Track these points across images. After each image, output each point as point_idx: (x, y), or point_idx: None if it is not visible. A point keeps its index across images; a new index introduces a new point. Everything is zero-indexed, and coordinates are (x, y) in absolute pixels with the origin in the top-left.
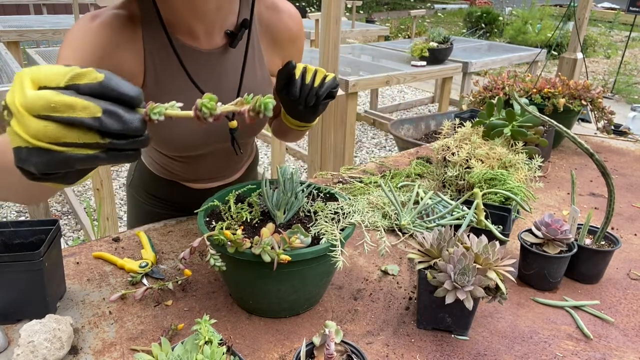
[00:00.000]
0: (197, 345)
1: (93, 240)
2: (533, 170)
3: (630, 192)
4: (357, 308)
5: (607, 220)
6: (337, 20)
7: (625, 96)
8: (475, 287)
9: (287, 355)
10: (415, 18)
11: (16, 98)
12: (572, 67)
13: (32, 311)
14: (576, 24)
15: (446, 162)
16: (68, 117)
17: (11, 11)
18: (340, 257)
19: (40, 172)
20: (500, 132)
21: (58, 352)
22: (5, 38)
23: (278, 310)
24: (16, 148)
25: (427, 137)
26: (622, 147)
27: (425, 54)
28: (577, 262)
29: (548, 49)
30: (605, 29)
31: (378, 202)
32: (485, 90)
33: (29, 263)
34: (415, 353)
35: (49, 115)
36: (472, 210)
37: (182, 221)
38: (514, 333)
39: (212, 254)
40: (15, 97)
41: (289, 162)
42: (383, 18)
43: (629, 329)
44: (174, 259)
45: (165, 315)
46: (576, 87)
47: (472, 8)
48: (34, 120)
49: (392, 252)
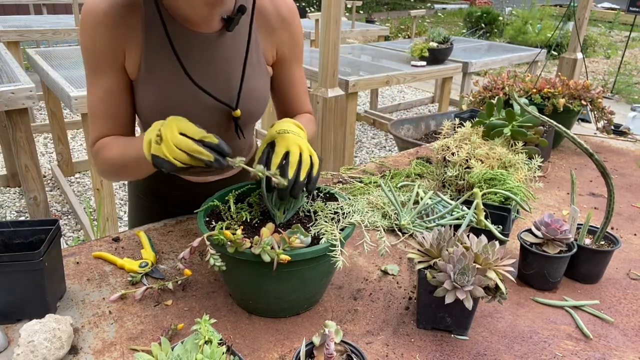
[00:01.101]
0: (197, 345)
1: (93, 240)
2: (533, 170)
3: (630, 192)
4: (357, 308)
5: (607, 220)
6: (337, 20)
7: (625, 96)
8: (475, 287)
9: (287, 355)
10: (415, 18)
11: (169, 134)
12: (572, 67)
13: (32, 311)
14: (576, 24)
15: (446, 162)
16: (195, 155)
17: (11, 11)
18: (340, 257)
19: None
20: (500, 132)
21: (58, 352)
22: (5, 38)
23: (278, 310)
24: (156, 156)
25: (427, 137)
26: (622, 147)
27: (425, 54)
28: (576, 262)
29: (548, 49)
30: (605, 29)
31: (378, 202)
32: (485, 90)
33: (29, 263)
34: (415, 353)
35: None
36: (472, 210)
37: (182, 221)
38: (513, 333)
39: (212, 254)
40: (167, 133)
41: None
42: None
43: (629, 329)
44: (174, 259)
45: (165, 315)
46: (576, 87)
47: (472, 8)
48: (176, 150)
49: (392, 252)
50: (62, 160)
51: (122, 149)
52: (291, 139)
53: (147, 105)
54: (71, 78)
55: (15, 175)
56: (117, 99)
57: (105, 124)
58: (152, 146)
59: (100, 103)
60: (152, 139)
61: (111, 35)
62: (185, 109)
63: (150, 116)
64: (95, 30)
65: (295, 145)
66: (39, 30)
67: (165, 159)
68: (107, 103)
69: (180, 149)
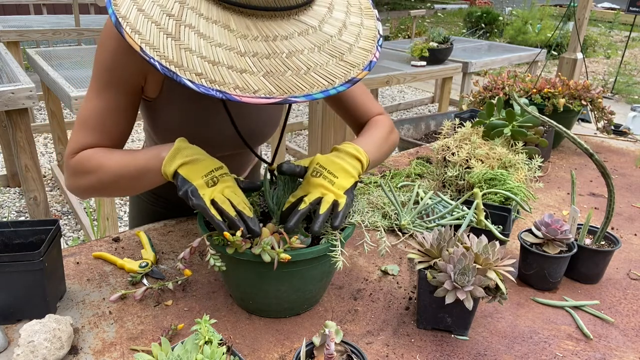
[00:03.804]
0: (197, 345)
1: (93, 240)
2: (533, 170)
3: (630, 192)
4: (357, 308)
5: (607, 220)
6: None
7: (625, 96)
8: (475, 287)
9: (287, 355)
10: (415, 18)
11: (224, 187)
12: (572, 67)
13: (32, 311)
14: (576, 24)
15: (446, 162)
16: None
17: (11, 11)
18: (340, 257)
19: (191, 204)
20: (500, 132)
21: (58, 352)
22: (5, 38)
23: (278, 310)
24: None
25: (427, 137)
26: (622, 147)
27: (425, 54)
28: (577, 262)
29: (548, 49)
30: (605, 29)
31: (378, 202)
32: (485, 90)
33: (29, 263)
34: (415, 353)
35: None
36: (472, 210)
37: (182, 221)
38: (514, 333)
39: (212, 254)
40: (224, 186)
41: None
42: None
43: (629, 329)
44: (174, 259)
45: (165, 315)
46: (576, 87)
47: (472, 8)
48: (220, 198)
49: (392, 252)
50: (62, 160)
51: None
52: (316, 183)
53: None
54: (71, 78)
55: (15, 175)
56: (118, 117)
57: (95, 136)
58: (199, 180)
59: (98, 115)
60: (198, 169)
61: (137, 58)
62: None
63: (166, 135)
64: (120, 47)
65: (317, 191)
66: (39, 30)
67: (202, 198)
68: (105, 117)
69: (222, 204)
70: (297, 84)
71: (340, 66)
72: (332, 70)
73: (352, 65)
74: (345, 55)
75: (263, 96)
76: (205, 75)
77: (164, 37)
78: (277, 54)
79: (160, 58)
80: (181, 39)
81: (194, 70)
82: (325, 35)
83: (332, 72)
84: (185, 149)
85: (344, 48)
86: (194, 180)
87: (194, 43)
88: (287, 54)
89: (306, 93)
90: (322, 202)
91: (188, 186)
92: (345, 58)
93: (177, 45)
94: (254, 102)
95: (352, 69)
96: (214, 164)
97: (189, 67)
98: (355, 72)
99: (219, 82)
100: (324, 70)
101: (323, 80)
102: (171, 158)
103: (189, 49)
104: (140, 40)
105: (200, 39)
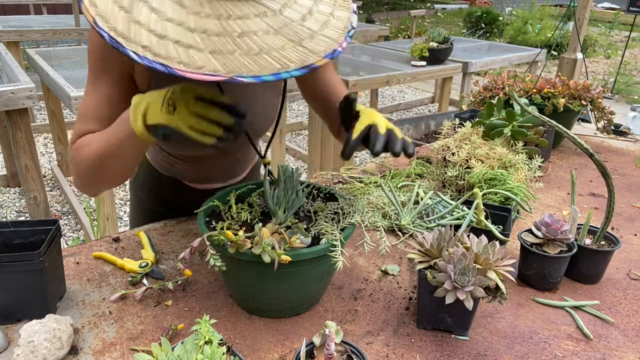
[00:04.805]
0: (197, 345)
1: (93, 240)
2: (533, 170)
3: (630, 192)
4: (357, 308)
5: (607, 220)
6: None
7: (625, 96)
8: (475, 287)
9: (287, 355)
10: (415, 18)
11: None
12: (572, 67)
13: (32, 311)
14: (576, 24)
15: (446, 162)
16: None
17: (11, 11)
18: (340, 257)
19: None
20: (500, 132)
21: (58, 352)
22: (5, 38)
23: (278, 310)
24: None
25: (427, 137)
26: (622, 147)
27: (425, 54)
28: (577, 262)
29: (548, 49)
30: (605, 29)
31: (378, 202)
32: (485, 90)
33: (29, 263)
34: (415, 353)
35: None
36: (472, 210)
37: (182, 221)
38: (514, 333)
39: (212, 254)
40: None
41: (289, 162)
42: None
43: (629, 329)
44: (174, 259)
45: (165, 315)
46: (576, 87)
47: (472, 8)
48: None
49: (392, 252)
50: (62, 160)
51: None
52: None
53: None
54: (71, 78)
55: (15, 175)
56: (112, 105)
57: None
58: (161, 115)
59: (94, 106)
60: (154, 106)
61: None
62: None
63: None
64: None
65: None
66: (39, 30)
67: (177, 130)
68: (102, 107)
69: (199, 116)
70: (246, 65)
71: (297, 51)
72: (288, 54)
73: (312, 51)
74: (305, 41)
75: (207, 73)
76: (150, 48)
77: (117, 10)
78: (228, 32)
79: (110, 30)
80: (133, 12)
81: (140, 42)
82: (285, 20)
83: (288, 56)
84: (142, 100)
85: (305, 34)
86: (159, 120)
87: (144, 16)
88: (239, 34)
89: (255, 74)
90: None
91: (161, 130)
92: (305, 44)
93: (127, 18)
94: (196, 77)
95: (311, 55)
96: (160, 92)
97: (135, 40)
98: (314, 58)
99: (163, 56)
100: (279, 54)
101: (275, 63)
102: (134, 117)
103: (138, 22)
104: (95, 12)
105: (151, 13)
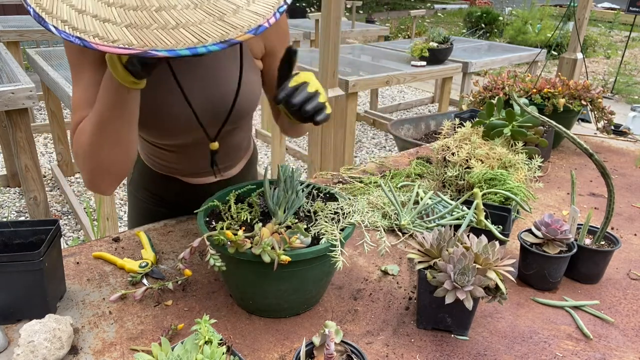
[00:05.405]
0: (197, 345)
1: (93, 240)
2: (533, 170)
3: (629, 192)
4: (357, 308)
5: (607, 220)
6: (337, 20)
7: (625, 96)
8: (475, 287)
9: (287, 355)
10: (415, 18)
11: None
12: (572, 67)
13: (32, 311)
14: (576, 24)
15: (446, 162)
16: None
17: (11, 11)
18: (340, 257)
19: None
20: (500, 132)
21: (58, 352)
22: (5, 38)
23: (278, 310)
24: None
25: (427, 137)
26: (622, 147)
27: (425, 54)
28: (577, 262)
29: (548, 49)
30: (605, 29)
31: (378, 202)
32: (485, 90)
33: (29, 263)
34: (415, 353)
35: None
36: (472, 210)
37: (182, 221)
38: (513, 333)
39: (212, 254)
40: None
41: (289, 162)
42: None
43: (629, 329)
44: (174, 259)
45: (165, 315)
46: (576, 87)
47: (472, 8)
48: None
49: (392, 252)
50: (62, 160)
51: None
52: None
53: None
54: (71, 78)
55: (15, 175)
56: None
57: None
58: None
59: (83, 95)
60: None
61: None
62: (172, 109)
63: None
64: None
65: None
66: (39, 30)
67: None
68: (89, 95)
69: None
70: (161, 38)
71: (217, 26)
72: (206, 28)
73: (234, 26)
74: (227, 16)
75: (121, 46)
76: (69, 22)
77: None
78: (146, 7)
79: (36, 5)
80: None
81: (61, 17)
82: None
83: (206, 30)
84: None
85: (227, 9)
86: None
87: None
88: (157, 8)
89: (170, 48)
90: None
91: (135, 60)
92: (227, 19)
93: None
94: (111, 51)
95: (233, 30)
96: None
97: (57, 14)
98: (235, 33)
99: (81, 30)
100: (197, 28)
101: (192, 37)
102: (112, 65)
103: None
104: None
105: None
